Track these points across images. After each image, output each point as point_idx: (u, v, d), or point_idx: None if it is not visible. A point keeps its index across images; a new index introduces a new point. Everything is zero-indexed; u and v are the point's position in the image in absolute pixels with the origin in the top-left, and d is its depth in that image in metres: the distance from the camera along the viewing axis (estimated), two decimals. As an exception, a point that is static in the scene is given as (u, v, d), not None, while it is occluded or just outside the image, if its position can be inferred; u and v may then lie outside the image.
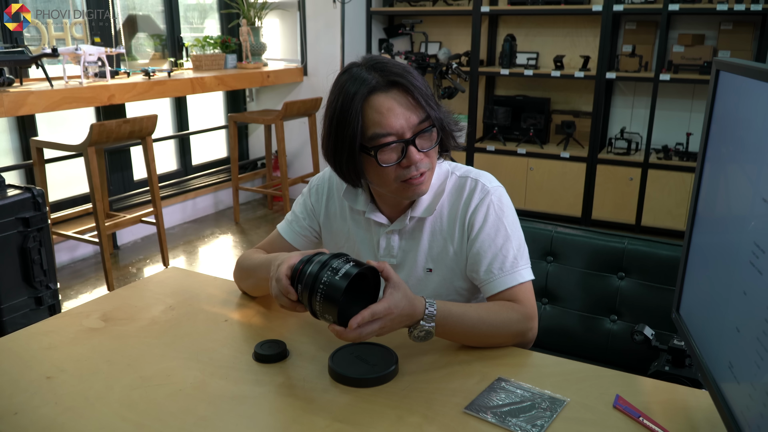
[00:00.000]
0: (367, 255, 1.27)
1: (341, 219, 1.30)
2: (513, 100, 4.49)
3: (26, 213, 2.37)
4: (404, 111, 1.08)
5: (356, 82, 1.08)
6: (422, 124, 1.09)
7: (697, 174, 0.90)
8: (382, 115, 1.07)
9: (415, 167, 1.10)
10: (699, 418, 0.90)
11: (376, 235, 1.25)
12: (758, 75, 0.70)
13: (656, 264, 1.45)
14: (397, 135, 1.08)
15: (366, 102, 1.07)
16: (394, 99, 1.08)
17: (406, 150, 1.09)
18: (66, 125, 3.72)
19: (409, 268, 1.25)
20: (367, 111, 1.07)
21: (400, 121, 1.07)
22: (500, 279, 1.16)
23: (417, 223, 1.22)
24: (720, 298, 0.78)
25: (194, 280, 1.45)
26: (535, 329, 1.14)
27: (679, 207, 3.92)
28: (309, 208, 1.33)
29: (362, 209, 1.24)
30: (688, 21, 4.04)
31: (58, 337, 1.14)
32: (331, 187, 1.32)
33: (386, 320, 0.97)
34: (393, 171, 1.10)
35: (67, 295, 3.16)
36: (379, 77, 1.08)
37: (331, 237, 1.33)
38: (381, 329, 0.98)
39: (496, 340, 1.11)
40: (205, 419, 0.90)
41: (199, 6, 4.73)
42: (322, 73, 4.64)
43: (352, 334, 0.95)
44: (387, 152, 1.09)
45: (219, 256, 3.81)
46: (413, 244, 1.23)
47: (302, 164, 4.86)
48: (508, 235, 1.18)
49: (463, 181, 1.22)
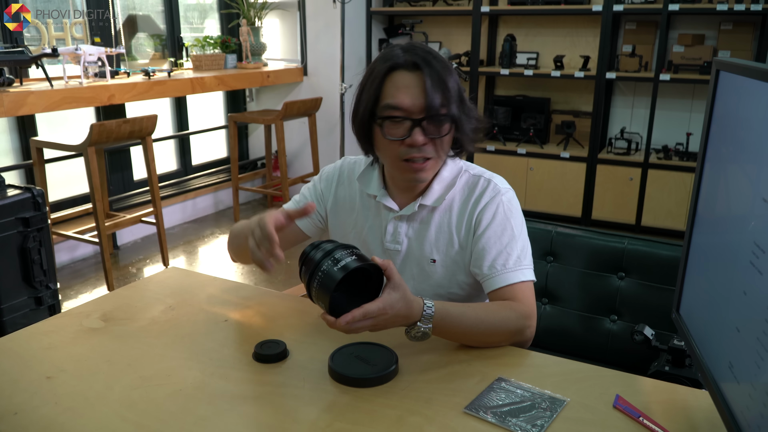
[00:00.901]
0: (374, 241, 1.29)
1: (349, 208, 1.33)
2: (513, 100, 4.49)
3: (26, 213, 2.37)
4: (420, 92, 1.12)
5: (388, 56, 1.16)
6: (435, 111, 1.12)
7: (697, 174, 0.90)
8: (398, 89, 1.13)
9: (418, 150, 1.13)
10: (699, 418, 0.90)
11: (385, 221, 1.28)
12: (758, 75, 0.70)
13: (656, 264, 1.45)
14: (407, 112, 1.12)
15: (388, 75, 1.14)
16: (415, 78, 1.13)
17: (412, 130, 1.12)
18: (66, 125, 3.72)
19: (413, 256, 1.26)
20: (386, 83, 1.14)
21: (413, 100, 1.12)
22: (502, 275, 1.16)
23: (426, 212, 1.25)
24: (720, 298, 0.78)
25: (194, 280, 1.45)
26: (533, 328, 1.14)
27: (679, 207, 3.92)
28: (318, 193, 1.36)
29: (374, 193, 1.27)
30: (688, 21, 4.04)
31: (58, 337, 1.14)
32: (342, 175, 1.35)
33: (379, 319, 0.98)
34: (397, 147, 1.15)
35: (67, 295, 3.16)
36: (408, 57, 1.14)
37: (337, 224, 1.35)
38: (373, 326, 0.98)
39: (494, 339, 1.11)
40: (205, 419, 0.90)
41: (199, 6, 4.73)
42: (322, 73, 4.65)
43: (342, 327, 0.96)
44: (393, 126, 1.14)
45: (219, 256, 3.81)
46: (420, 233, 1.25)
47: (302, 164, 4.86)
48: (514, 235, 1.19)
49: (476, 180, 1.25)
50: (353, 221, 1.32)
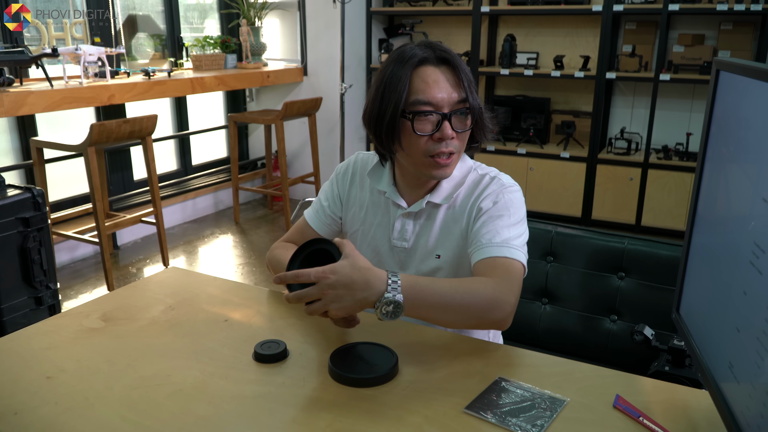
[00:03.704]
0: (381, 237, 1.31)
1: (359, 205, 1.35)
2: (513, 100, 4.49)
3: (26, 213, 2.37)
4: (448, 87, 1.15)
5: (409, 53, 1.16)
6: (461, 104, 1.16)
7: (697, 174, 0.90)
8: (427, 84, 1.14)
9: (446, 144, 1.15)
10: (699, 418, 0.90)
11: (393, 218, 1.29)
12: (758, 75, 0.70)
13: (656, 264, 1.45)
14: (437, 107, 1.14)
15: (415, 70, 1.15)
16: (441, 73, 1.15)
17: (440, 124, 1.14)
18: (66, 125, 3.72)
19: (419, 252, 1.27)
20: (414, 79, 1.15)
21: (442, 94, 1.14)
22: (486, 248, 1.14)
23: (432, 209, 1.26)
24: (720, 298, 0.78)
25: (194, 280, 1.45)
26: (512, 306, 1.06)
27: (679, 207, 3.92)
28: (335, 193, 1.38)
29: (384, 189, 1.29)
30: (688, 21, 4.04)
31: (58, 337, 1.14)
32: (355, 172, 1.37)
33: (324, 285, 0.95)
34: (425, 143, 1.16)
35: (67, 295, 3.16)
36: (431, 52, 1.16)
37: (348, 219, 1.37)
38: (321, 293, 0.95)
39: (470, 313, 1.05)
40: (205, 419, 0.90)
41: (199, 6, 4.73)
42: (322, 73, 4.65)
43: (289, 297, 0.98)
44: (423, 122, 1.15)
45: (219, 256, 3.81)
46: (426, 230, 1.27)
47: (302, 164, 4.86)
48: (510, 222, 1.18)
49: (482, 177, 1.26)
50: (362, 217, 1.34)
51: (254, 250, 3.88)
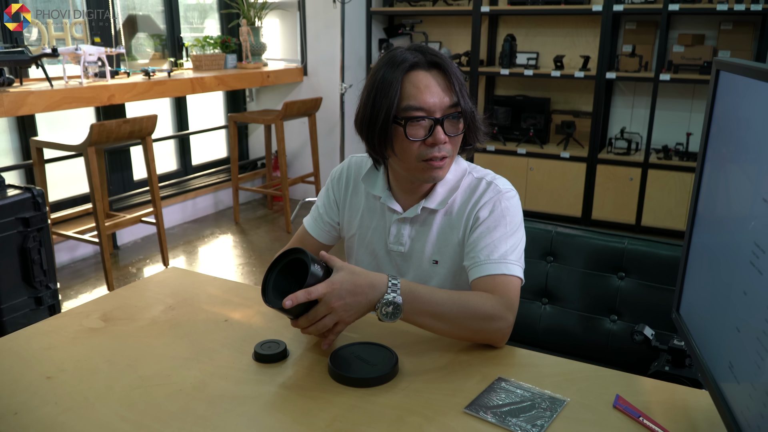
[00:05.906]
0: (378, 242, 1.31)
1: (355, 210, 1.34)
2: (513, 100, 4.49)
3: (26, 213, 2.37)
4: (439, 91, 1.14)
5: (399, 58, 1.15)
6: (452, 109, 1.15)
7: (697, 174, 0.90)
8: (419, 89, 1.13)
9: (438, 149, 1.15)
10: (699, 418, 0.90)
11: (388, 222, 1.29)
12: (758, 75, 0.70)
13: (656, 264, 1.45)
14: (429, 112, 1.14)
15: (406, 75, 1.14)
16: (432, 78, 1.14)
17: (433, 129, 1.14)
18: (66, 125, 3.72)
19: (416, 258, 1.27)
20: (405, 84, 1.14)
21: (434, 99, 1.13)
22: (485, 265, 1.15)
23: (429, 214, 1.26)
24: (720, 298, 0.78)
25: (194, 280, 1.45)
26: (510, 322, 1.09)
27: (679, 207, 3.92)
28: (331, 199, 1.37)
29: (379, 194, 1.28)
30: (688, 21, 4.04)
31: (58, 337, 1.14)
32: (349, 177, 1.36)
33: (332, 298, 0.98)
34: (417, 148, 1.15)
35: (67, 295, 3.16)
36: (421, 56, 1.15)
37: (346, 224, 1.37)
38: (329, 308, 0.99)
39: (467, 325, 1.06)
40: (205, 419, 0.90)
41: (199, 6, 4.73)
42: (322, 73, 4.65)
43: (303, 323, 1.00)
44: (416, 127, 1.14)
45: (219, 256, 3.81)
46: (422, 235, 1.26)
47: (302, 164, 4.86)
48: (506, 232, 1.19)
49: (478, 182, 1.25)
50: (359, 222, 1.34)
51: (254, 250, 3.88)
